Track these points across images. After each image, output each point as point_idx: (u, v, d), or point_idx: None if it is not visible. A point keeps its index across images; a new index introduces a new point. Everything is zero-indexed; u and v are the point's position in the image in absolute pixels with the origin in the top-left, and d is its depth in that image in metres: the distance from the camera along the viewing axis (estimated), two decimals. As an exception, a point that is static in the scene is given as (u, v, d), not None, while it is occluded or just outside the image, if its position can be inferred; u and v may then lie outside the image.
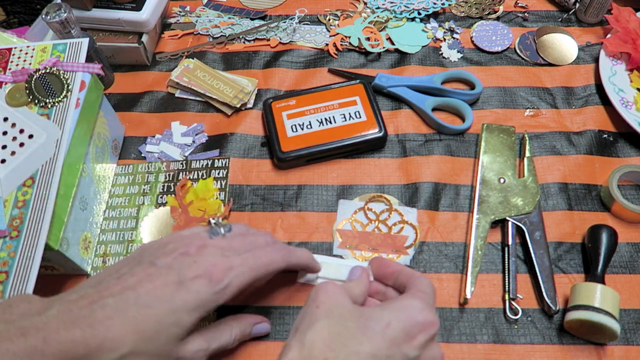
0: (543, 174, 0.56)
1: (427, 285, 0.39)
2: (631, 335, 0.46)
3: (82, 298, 0.32)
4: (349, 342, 0.32)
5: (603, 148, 0.57)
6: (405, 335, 0.33)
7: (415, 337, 0.33)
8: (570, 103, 0.62)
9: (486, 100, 0.62)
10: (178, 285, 0.33)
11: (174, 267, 0.34)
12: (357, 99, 0.59)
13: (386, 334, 0.33)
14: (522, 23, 0.70)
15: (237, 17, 0.72)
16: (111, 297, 0.32)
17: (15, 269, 0.39)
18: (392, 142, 0.59)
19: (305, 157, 0.56)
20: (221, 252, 0.36)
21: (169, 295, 0.32)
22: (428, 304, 0.36)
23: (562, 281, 0.49)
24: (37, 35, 0.67)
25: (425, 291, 0.38)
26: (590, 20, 0.69)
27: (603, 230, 0.48)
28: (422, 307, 0.35)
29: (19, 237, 0.40)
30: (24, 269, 0.39)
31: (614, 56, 0.63)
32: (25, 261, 0.39)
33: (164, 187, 0.56)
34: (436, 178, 0.55)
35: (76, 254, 0.48)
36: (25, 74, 0.48)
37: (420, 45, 0.67)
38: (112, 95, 0.64)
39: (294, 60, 0.67)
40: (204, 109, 0.63)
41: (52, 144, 0.44)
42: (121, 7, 0.63)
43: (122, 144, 0.60)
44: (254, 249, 0.38)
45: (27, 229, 0.40)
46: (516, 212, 0.51)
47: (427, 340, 0.34)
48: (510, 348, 0.45)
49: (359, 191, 0.55)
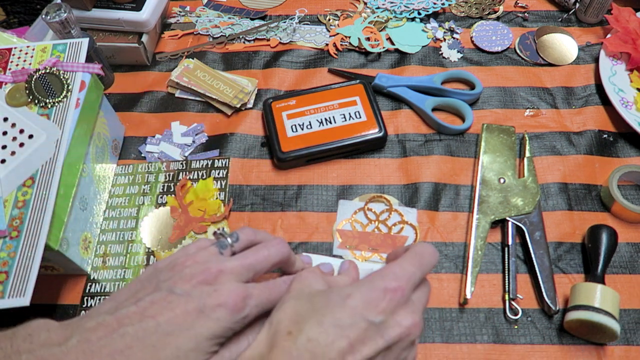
0: (543, 174, 0.56)
1: (413, 251, 0.37)
2: (631, 335, 0.46)
3: (100, 326, 0.32)
4: (313, 315, 0.33)
5: (603, 148, 0.57)
6: (365, 303, 0.33)
7: (378, 304, 0.33)
8: (570, 103, 0.62)
9: (486, 100, 0.62)
10: (199, 313, 0.33)
11: (193, 296, 0.34)
12: (357, 99, 0.59)
13: (346, 303, 0.33)
14: (522, 23, 0.70)
15: (237, 17, 0.72)
16: (131, 326, 0.32)
17: (15, 269, 0.39)
18: (392, 142, 0.59)
19: (305, 157, 0.56)
20: (238, 278, 0.36)
21: (190, 323, 0.33)
22: (403, 271, 0.35)
23: (562, 281, 0.49)
24: (37, 35, 0.67)
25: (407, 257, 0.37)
26: (590, 20, 0.69)
27: (603, 230, 0.48)
28: (388, 274, 0.35)
29: (19, 237, 0.40)
30: (24, 269, 0.39)
31: (614, 56, 0.63)
32: (25, 261, 0.39)
33: (164, 187, 0.56)
34: (436, 178, 0.55)
35: (76, 254, 0.48)
36: (25, 74, 0.48)
37: (420, 45, 0.68)
38: (112, 95, 0.64)
39: (294, 60, 0.67)
40: (204, 109, 0.63)
41: (52, 144, 0.44)
42: (121, 7, 0.63)
43: (122, 144, 0.60)
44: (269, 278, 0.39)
45: (27, 229, 0.40)
46: (516, 212, 0.51)
47: (394, 306, 0.34)
48: (510, 348, 0.45)
49: (359, 191, 0.55)
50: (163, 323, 0.32)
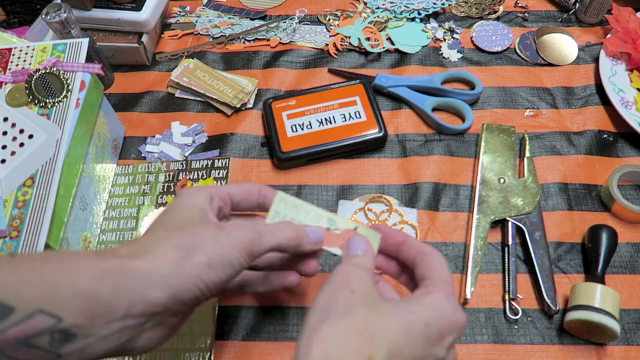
0: (543, 174, 0.56)
1: (446, 270, 0.35)
2: (631, 335, 0.46)
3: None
4: (391, 339, 0.30)
5: (603, 148, 0.57)
6: (439, 335, 0.31)
7: (446, 338, 0.32)
8: (570, 103, 0.62)
9: (486, 100, 0.62)
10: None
11: None
12: (357, 99, 0.59)
13: (425, 334, 0.31)
14: (522, 23, 0.70)
15: (237, 17, 0.72)
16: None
17: (15, 269, 0.39)
18: (392, 142, 0.59)
19: (305, 157, 0.56)
20: None
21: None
22: (455, 298, 0.34)
23: (562, 281, 0.49)
24: (37, 35, 0.67)
25: (448, 281, 0.34)
26: (590, 20, 0.69)
27: (603, 230, 0.48)
28: (455, 306, 0.33)
29: (19, 237, 0.40)
30: (24, 269, 0.39)
31: (614, 56, 0.63)
32: (25, 261, 0.39)
33: (164, 187, 0.56)
34: (436, 178, 0.55)
35: (76, 254, 0.48)
36: (25, 74, 0.48)
37: (420, 45, 0.68)
38: (112, 95, 0.64)
39: (294, 60, 0.67)
40: (204, 109, 0.63)
41: (52, 144, 0.44)
42: (121, 7, 0.63)
43: (122, 144, 0.60)
44: None
45: (27, 229, 0.40)
46: (516, 212, 0.51)
47: (454, 341, 0.33)
48: (510, 348, 0.45)
49: (359, 191, 0.55)
50: None
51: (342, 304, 0.31)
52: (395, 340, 0.29)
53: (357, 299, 0.31)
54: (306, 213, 0.40)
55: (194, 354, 0.45)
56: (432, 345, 0.31)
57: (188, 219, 0.34)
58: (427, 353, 0.31)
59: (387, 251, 0.39)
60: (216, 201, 0.37)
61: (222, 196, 0.38)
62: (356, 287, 0.32)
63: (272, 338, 0.46)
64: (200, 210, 0.35)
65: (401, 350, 0.29)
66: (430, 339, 0.31)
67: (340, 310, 0.30)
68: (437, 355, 0.31)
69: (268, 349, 0.45)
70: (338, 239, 0.39)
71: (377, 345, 0.29)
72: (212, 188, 0.38)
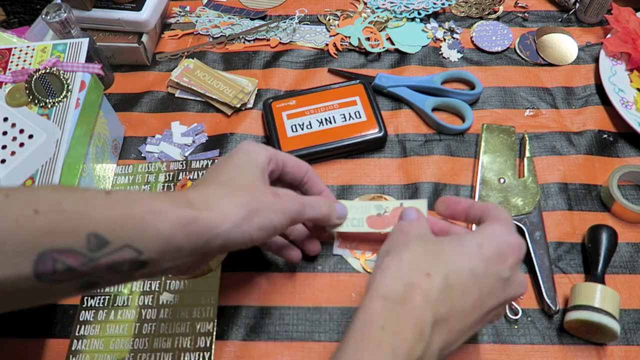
0: (543, 174, 0.56)
1: (506, 213, 0.38)
2: (631, 335, 0.46)
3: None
4: (448, 260, 0.34)
5: (603, 148, 0.57)
6: (498, 256, 0.34)
7: (507, 258, 0.34)
8: (570, 103, 0.62)
9: (486, 100, 0.62)
10: None
11: None
12: (357, 99, 0.59)
13: (481, 254, 0.34)
14: (522, 23, 0.70)
15: (237, 17, 0.72)
16: None
17: (15, 269, 0.38)
18: (392, 142, 0.59)
19: (305, 157, 0.56)
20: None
21: None
22: (512, 228, 0.37)
23: (562, 281, 0.49)
24: (37, 35, 0.67)
25: (506, 218, 0.38)
26: (590, 20, 0.69)
27: (603, 230, 0.48)
28: (509, 230, 0.36)
29: (19, 237, 0.40)
30: (24, 269, 0.39)
31: (614, 56, 0.63)
32: (25, 261, 0.39)
33: (164, 187, 0.56)
34: (436, 178, 0.55)
35: (76, 254, 0.48)
36: (25, 74, 0.48)
37: (420, 45, 0.68)
38: (112, 95, 0.64)
39: (294, 60, 0.67)
40: (204, 109, 0.63)
41: (52, 144, 0.44)
42: (121, 7, 0.63)
43: (122, 144, 0.60)
44: None
45: (27, 229, 0.40)
46: (516, 212, 0.51)
47: (517, 263, 0.35)
48: (510, 348, 0.45)
49: (359, 191, 0.55)
50: None
51: (399, 243, 0.36)
52: (451, 262, 0.33)
53: (412, 237, 0.36)
54: (355, 209, 0.46)
55: (194, 354, 0.45)
56: (494, 264, 0.34)
57: (250, 177, 0.38)
58: (490, 271, 0.34)
59: (455, 216, 0.42)
60: (272, 164, 0.41)
61: (278, 161, 0.42)
62: (410, 230, 0.37)
63: (272, 338, 0.46)
64: (260, 170, 0.39)
65: (460, 267, 0.33)
66: (489, 259, 0.34)
67: (398, 248, 0.35)
68: (501, 275, 0.34)
69: (268, 349, 0.45)
70: (390, 219, 0.45)
71: (433, 265, 0.33)
72: (271, 150, 0.42)
